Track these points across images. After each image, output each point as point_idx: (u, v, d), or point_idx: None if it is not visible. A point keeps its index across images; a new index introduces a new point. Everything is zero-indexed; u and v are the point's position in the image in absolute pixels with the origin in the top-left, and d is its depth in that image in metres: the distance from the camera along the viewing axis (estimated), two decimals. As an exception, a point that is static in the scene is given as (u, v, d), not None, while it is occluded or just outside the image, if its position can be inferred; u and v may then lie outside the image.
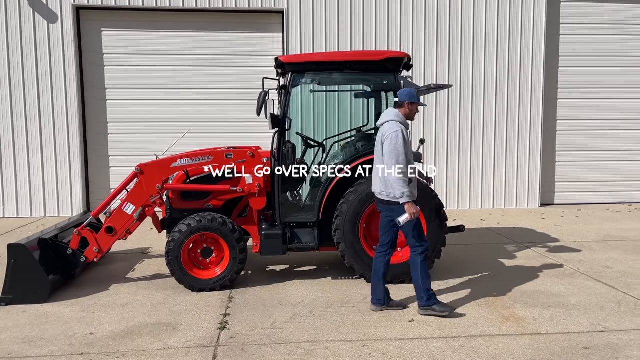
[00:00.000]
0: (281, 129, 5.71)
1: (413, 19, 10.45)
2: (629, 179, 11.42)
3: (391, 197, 4.70)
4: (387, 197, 4.74)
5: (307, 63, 5.70)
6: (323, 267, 6.46)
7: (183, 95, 10.46)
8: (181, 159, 5.68)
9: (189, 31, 10.37)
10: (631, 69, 11.15)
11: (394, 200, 4.69)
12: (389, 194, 4.70)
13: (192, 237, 5.46)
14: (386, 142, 4.64)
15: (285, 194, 5.97)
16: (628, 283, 5.74)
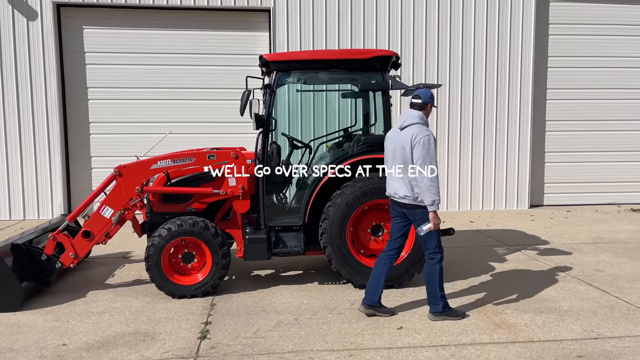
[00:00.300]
0: (265, 130, 5.53)
1: (401, 18, 10.31)
2: (617, 180, 11.38)
3: (418, 201, 4.55)
4: (411, 201, 4.58)
5: (292, 61, 5.52)
6: (309, 271, 6.28)
7: (167, 94, 10.22)
8: (161, 161, 5.47)
9: (173, 29, 10.14)
10: (620, 69, 11.11)
11: (419, 204, 4.55)
12: (416, 198, 4.55)
13: (172, 241, 5.26)
14: (418, 146, 4.46)
15: (270, 196, 5.79)
16: (620, 287, 5.63)
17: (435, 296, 4.71)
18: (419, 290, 5.53)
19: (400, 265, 5.53)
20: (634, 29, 11.01)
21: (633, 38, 11.05)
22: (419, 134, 4.50)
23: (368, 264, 5.54)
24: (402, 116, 4.70)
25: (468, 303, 5.15)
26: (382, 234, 5.65)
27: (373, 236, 5.65)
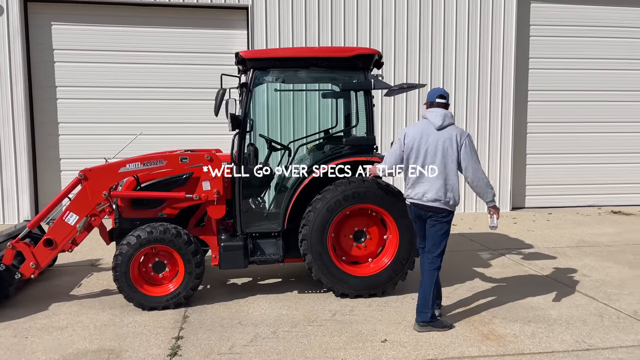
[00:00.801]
0: (242, 131, 5.24)
1: (382, 17, 10.11)
2: (597, 182, 11.35)
3: (450, 204, 4.42)
4: (441, 204, 4.40)
5: (270, 59, 5.24)
6: (288, 279, 6.01)
7: (139, 94, 9.84)
8: (130, 164, 5.13)
9: (147, 26, 9.77)
10: (600, 71, 11.09)
11: (448, 208, 4.42)
12: (447, 202, 4.39)
13: (142, 250, 4.93)
14: (465, 147, 4.38)
15: (246, 201, 5.50)
16: (607, 293, 5.48)
17: (426, 304, 4.46)
18: (403, 298, 5.31)
19: (384, 273, 5.30)
20: (614, 31, 11.01)
21: (613, 40, 11.04)
22: (462, 134, 4.42)
23: (350, 271, 5.31)
24: (435, 115, 4.45)
25: (454, 312, 4.94)
26: (364, 240, 5.40)
27: (355, 242, 5.40)
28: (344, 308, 5.05)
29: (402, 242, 5.29)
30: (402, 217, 5.24)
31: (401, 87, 5.47)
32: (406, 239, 5.29)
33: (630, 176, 11.40)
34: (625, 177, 11.39)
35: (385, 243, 5.43)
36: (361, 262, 5.46)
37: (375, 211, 5.33)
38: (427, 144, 4.41)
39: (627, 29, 11.03)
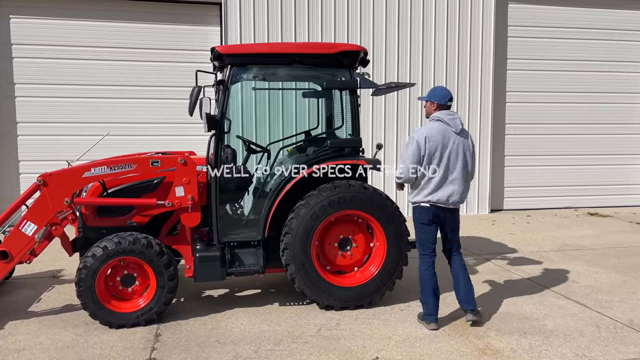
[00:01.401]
0: (219, 132, 4.86)
1: (361, 16, 9.83)
2: (574, 184, 11.34)
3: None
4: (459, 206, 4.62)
5: (249, 55, 4.87)
6: (268, 290, 5.64)
7: (105, 92, 9.30)
8: (96, 168, 4.68)
9: (113, 21, 9.24)
10: (577, 73, 11.07)
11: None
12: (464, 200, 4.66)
13: (109, 262, 4.50)
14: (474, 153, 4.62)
15: (223, 207, 5.12)
16: (599, 300, 5.31)
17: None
18: (391, 310, 5.02)
19: (371, 283, 5.00)
20: (590, 32, 11.00)
21: (590, 42, 11.03)
22: (470, 137, 4.62)
23: (335, 282, 4.99)
24: (454, 119, 4.48)
25: (446, 324, 4.67)
26: (350, 248, 5.09)
27: (340, 251, 5.08)
28: (329, 322, 4.72)
29: (390, 250, 5.00)
30: (390, 224, 4.97)
31: (389, 87, 5.18)
32: (394, 246, 5.00)
33: (606, 177, 11.43)
34: (601, 179, 11.41)
35: (372, 251, 5.14)
36: (346, 271, 5.15)
37: (362, 217, 5.03)
38: (449, 148, 4.41)
39: (604, 31, 11.04)
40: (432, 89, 4.63)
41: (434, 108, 4.53)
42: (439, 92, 4.53)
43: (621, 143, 11.45)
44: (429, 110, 4.59)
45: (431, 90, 4.64)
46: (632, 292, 5.57)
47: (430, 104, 4.55)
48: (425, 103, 4.63)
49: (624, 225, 9.41)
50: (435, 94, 4.53)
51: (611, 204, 11.42)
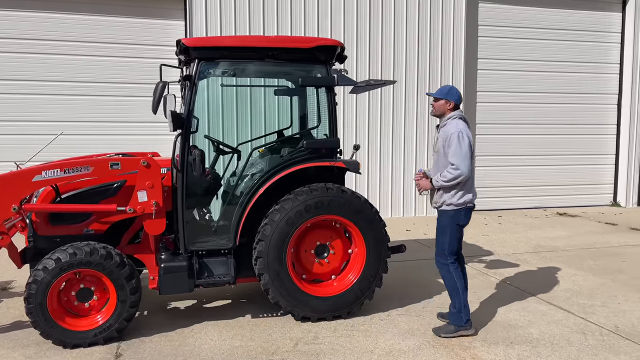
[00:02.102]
0: (185, 132, 4.47)
1: (331, 12, 9.55)
2: (543, 184, 11.39)
3: None
4: None
5: (218, 48, 4.50)
6: (240, 300, 5.29)
7: (59, 89, 8.72)
8: (47, 171, 4.23)
9: (70, 13, 8.67)
10: (545, 73, 11.10)
11: None
12: None
13: (62, 275, 4.06)
14: None
15: (190, 214, 4.73)
16: (581, 305, 5.19)
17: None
18: (371, 320, 4.76)
19: (349, 292, 4.72)
20: (559, 33, 11.05)
21: (560, 42, 11.08)
22: None
23: (312, 291, 4.69)
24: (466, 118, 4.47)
25: (427, 331, 4.45)
26: (327, 255, 4.79)
27: (317, 258, 4.78)
28: (306, 335, 4.42)
29: (370, 257, 4.73)
30: (370, 229, 4.71)
31: (368, 84, 4.91)
32: (374, 253, 4.74)
33: (574, 178, 11.53)
34: (569, 179, 11.50)
35: (350, 258, 4.86)
36: (323, 279, 4.85)
37: (340, 222, 4.74)
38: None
39: (572, 31, 11.12)
40: (447, 89, 4.42)
41: (449, 107, 4.38)
42: (456, 92, 4.40)
43: (589, 143, 11.57)
44: (442, 109, 4.40)
45: (446, 89, 4.43)
46: (612, 295, 5.48)
47: (446, 103, 4.37)
48: (436, 100, 4.41)
49: (593, 225, 9.45)
50: (453, 93, 4.38)
51: (579, 204, 11.53)
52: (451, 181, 4.19)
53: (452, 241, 4.37)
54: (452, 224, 4.34)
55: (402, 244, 5.23)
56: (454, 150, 4.18)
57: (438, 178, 4.26)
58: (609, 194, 11.85)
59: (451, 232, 4.35)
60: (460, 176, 4.17)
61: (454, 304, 4.40)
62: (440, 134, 4.41)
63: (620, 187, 11.73)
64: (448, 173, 4.19)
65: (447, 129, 4.30)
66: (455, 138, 4.18)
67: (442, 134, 4.36)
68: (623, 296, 5.45)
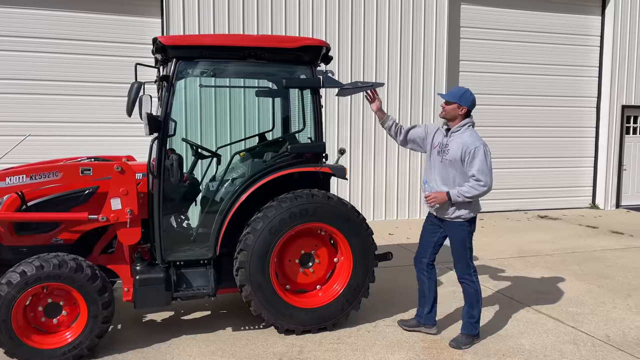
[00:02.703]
0: (162, 135, 4.22)
1: (313, 11, 9.35)
2: (523, 187, 11.38)
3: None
4: None
5: (197, 47, 4.24)
6: (219, 312, 5.04)
7: (28, 87, 8.31)
8: (12, 177, 3.93)
9: (35, 8, 8.25)
10: (527, 76, 11.09)
11: None
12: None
13: (28, 290, 3.76)
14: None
15: (168, 222, 4.48)
16: (570, 313, 5.09)
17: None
18: (358, 332, 4.58)
19: (335, 303, 4.53)
20: (539, 36, 11.05)
21: (541, 45, 11.07)
22: None
23: (296, 303, 4.48)
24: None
25: (416, 343, 4.28)
26: (312, 264, 4.59)
27: (302, 267, 4.57)
28: (291, 349, 4.21)
29: (357, 266, 4.55)
30: (356, 237, 4.52)
31: (355, 86, 4.71)
32: (360, 262, 4.55)
33: (553, 180, 11.54)
34: (549, 181, 11.51)
35: (336, 267, 4.66)
36: (308, 290, 4.64)
37: (325, 230, 4.54)
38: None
39: (553, 34, 11.13)
40: (460, 92, 4.16)
41: (461, 112, 4.14)
42: (469, 97, 4.14)
43: (569, 146, 11.61)
44: (453, 113, 4.16)
45: (459, 92, 4.17)
46: (600, 302, 5.40)
47: (458, 107, 4.12)
48: (447, 104, 4.17)
49: (575, 228, 9.45)
50: (466, 98, 4.12)
51: (559, 206, 11.55)
52: (475, 198, 4.06)
53: (471, 251, 4.29)
54: (468, 236, 4.24)
55: (389, 252, 5.06)
56: (479, 165, 3.98)
57: (460, 193, 4.02)
58: (588, 196, 11.92)
59: (469, 242, 4.25)
60: (486, 193, 4.07)
61: (472, 314, 4.28)
62: (453, 140, 4.14)
63: (599, 189, 11.80)
64: (473, 189, 3.99)
65: (465, 140, 4.07)
66: (482, 153, 4.00)
67: (457, 143, 4.10)
68: (611, 303, 5.38)
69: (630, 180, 12.02)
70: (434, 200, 4.16)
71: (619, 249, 7.85)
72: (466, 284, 4.30)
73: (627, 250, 7.77)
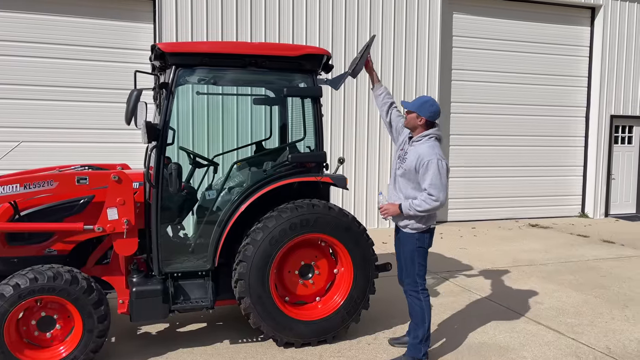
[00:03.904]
0: (161, 143, 4.12)
1: (306, 17, 9.32)
2: (513, 195, 11.42)
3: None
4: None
5: (197, 54, 4.16)
6: (216, 324, 4.94)
7: (19, 93, 8.15)
8: (5, 187, 3.82)
9: (26, 12, 8.12)
10: (517, 85, 11.16)
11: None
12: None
13: (21, 303, 3.64)
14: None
15: (166, 232, 4.37)
16: (570, 324, 5.08)
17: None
18: (358, 344, 4.51)
19: (335, 315, 4.45)
20: (529, 46, 11.13)
21: (532, 55, 11.16)
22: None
23: (295, 315, 4.40)
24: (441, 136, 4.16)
25: None
26: (312, 275, 4.51)
27: (301, 279, 4.50)
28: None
29: (357, 278, 4.49)
30: (357, 248, 4.47)
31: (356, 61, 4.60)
32: (361, 273, 4.50)
33: (543, 189, 11.61)
34: (539, 190, 11.57)
35: (335, 278, 4.60)
36: (307, 301, 4.57)
37: (325, 241, 4.48)
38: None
39: (543, 44, 11.23)
40: (420, 101, 3.99)
41: (420, 122, 3.97)
42: (429, 108, 3.93)
43: (559, 155, 11.69)
44: (413, 123, 3.99)
45: (419, 101, 4.00)
46: (598, 313, 5.40)
47: (417, 117, 3.96)
48: (408, 112, 4.03)
49: (566, 237, 9.49)
50: (425, 108, 3.92)
51: (548, 215, 11.62)
52: (427, 212, 3.86)
53: (421, 267, 4.03)
54: (417, 250, 3.99)
55: (388, 262, 5.00)
56: (432, 180, 3.76)
57: (411, 207, 3.82)
58: (577, 205, 12.01)
59: (419, 257, 4.00)
60: (438, 208, 3.85)
61: (417, 335, 4.01)
62: (411, 150, 3.98)
63: (588, 198, 11.90)
64: (425, 203, 3.78)
65: (421, 151, 3.87)
66: (435, 166, 3.78)
67: (414, 153, 3.93)
68: (609, 314, 5.38)
69: (619, 189, 12.15)
70: (386, 212, 4.02)
71: (612, 258, 7.89)
72: (411, 299, 4.06)
73: (620, 259, 7.81)
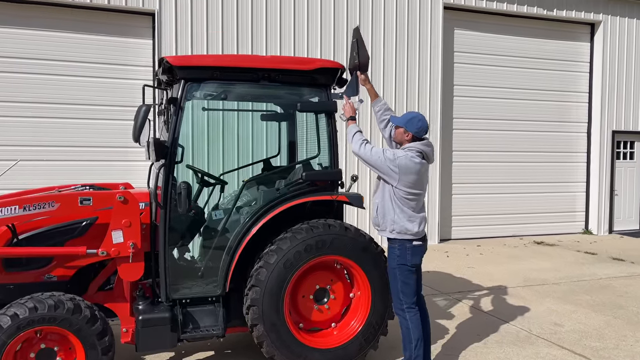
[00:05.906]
0: (169, 162, 3.90)
1: (307, 35, 9.20)
2: (517, 212, 11.26)
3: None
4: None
5: (207, 68, 3.97)
6: (224, 351, 4.67)
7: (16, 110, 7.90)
8: (3, 208, 3.57)
9: (22, 28, 7.92)
10: (520, 101, 11.08)
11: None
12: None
13: (20, 335, 3.37)
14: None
15: (173, 256, 4.13)
16: (594, 348, 4.86)
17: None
18: (377, 373, 4.24)
19: (353, 342, 4.20)
20: (534, 61, 11.07)
21: (533, 70, 11.10)
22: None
23: (311, 342, 4.14)
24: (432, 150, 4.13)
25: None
26: (327, 300, 4.27)
27: (316, 304, 4.25)
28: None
29: (375, 302, 4.25)
30: (375, 270, 4.24)
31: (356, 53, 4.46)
32: (379, 297, 4.26)
33: (547, 205, 11.46)
34: (543, 207, 11.42)
35: (352, 302, 4.35)
36: (322, 327, 4.32)
37: (342, 263, 4.25)
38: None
39: (544, 60, 11.18)
40: (408, 117, 4.01)
41: (407, 137, 3.98)
42: (417, 123, 3.96)
43: (562, 171, 11.58)
44: (400, 138, 4.03)
45: (407, 116, 4.01)
46: (621, 335, 5.19)
47: (404, 132, 3.98)
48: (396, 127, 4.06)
49: (574, 255, 9.31)
50: (414, 124, 3.95)
51: (553, 232, 11.45)
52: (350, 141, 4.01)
53: (405, 285, 3.90)
54: (400, 266, 3.90)
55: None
56: (375, 148, 3.91)
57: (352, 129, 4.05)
58: (581, 221, 11.86)
59: (401, 274, 3.90)
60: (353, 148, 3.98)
61: (405, 356, 3.94)
62: None
63: (592, 215, 11.76)
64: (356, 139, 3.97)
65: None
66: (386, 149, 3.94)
67: None
68: (633, 336, 5.17)
69: (622, 205, 12.03)
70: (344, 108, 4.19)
71: (624, 276, 7.71)
72: (399, 318, 3.99)
73: (633, 277, 7.63)
